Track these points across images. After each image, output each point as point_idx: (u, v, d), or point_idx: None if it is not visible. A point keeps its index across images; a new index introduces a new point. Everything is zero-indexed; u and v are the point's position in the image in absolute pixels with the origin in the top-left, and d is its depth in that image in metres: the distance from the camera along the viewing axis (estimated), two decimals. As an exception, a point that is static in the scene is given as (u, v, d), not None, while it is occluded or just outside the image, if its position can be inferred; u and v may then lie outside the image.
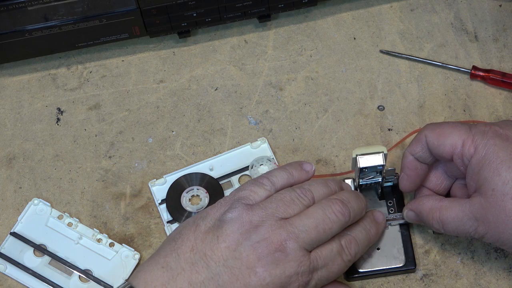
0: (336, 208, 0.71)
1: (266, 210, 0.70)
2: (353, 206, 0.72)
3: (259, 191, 0.72)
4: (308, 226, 0.70)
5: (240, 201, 0.71)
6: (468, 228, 0.71)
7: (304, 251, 0.69)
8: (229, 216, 0.70)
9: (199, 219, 0.71)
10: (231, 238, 0.68)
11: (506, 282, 0.77)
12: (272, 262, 0.68)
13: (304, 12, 0.89)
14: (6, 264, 0.79)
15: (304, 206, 0.72)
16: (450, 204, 0.73)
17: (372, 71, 0.87)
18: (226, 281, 0.67)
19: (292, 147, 0.83)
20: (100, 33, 0.84)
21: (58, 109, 0.86)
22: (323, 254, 0.70)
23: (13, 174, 0.83)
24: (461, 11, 0.89)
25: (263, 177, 0.73)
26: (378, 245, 0.78)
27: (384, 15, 0.89)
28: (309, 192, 0.72)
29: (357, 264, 0.77)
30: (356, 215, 0.73)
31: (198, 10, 0.84)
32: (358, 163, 0.74)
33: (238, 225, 0.69)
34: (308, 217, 0.70)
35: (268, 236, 0.69)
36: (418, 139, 0.75)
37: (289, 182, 0.74)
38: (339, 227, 0.71)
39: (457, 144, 0.72)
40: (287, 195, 0.72)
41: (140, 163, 0.83)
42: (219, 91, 0.86)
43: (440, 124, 0.74)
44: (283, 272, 0.68)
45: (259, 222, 0.69)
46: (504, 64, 0.86)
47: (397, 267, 0.77)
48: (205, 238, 0.69)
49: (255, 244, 0.68)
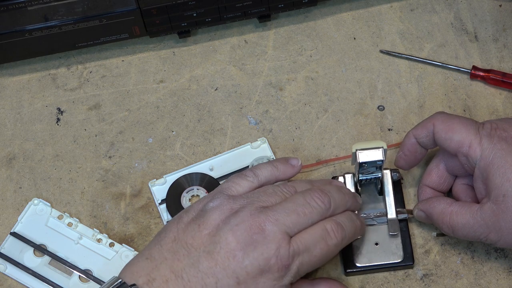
0: (316, 195, 0.71)
1: (248, 199, 0.71)
2: (334, 196, 0.72)
3: (242, 182, 0.73)
4: (288, 209, 0.70)
5: (223, 192, 0.72)
6: (479, 235, 0.72)
7: (284, 234, 0.69)
8: (210, 205, 0.70)
9: (183, 213, 0.72)
10: (212, 225, 0.69)
11: (506, 282, 0.77)
12: (251, 245, 0.68)
13: (304, 12, 0.89)
14: (6, 264, 0.79)
15: (285, 196, 0.72)
16: (460, 209, 0.73)
17: (372, 71, 0.87)
18: (206, 266, 0.67)
19: (292, 147, 0.83)
20: (100, 33, 0.84)
21: (58, 109, 0.86)
22: (305, 238, 0.70)
23: (13, 174, 0.83)
24: (461, 11, 0.89)
25: (247, 170, 0.74)
26: (376, 240, 0.78)
27: (384, 15, 0.89)
28: (291, 187, 0.73)
29: (355, 258, 0.77)
30: (337, 206, 0.72)
31: (198, 10, 0.84)
32: (357, 158, 0.74)
33: (219, 213, 0.70)
34: (287, 201, 0.71)
35: (247, 219, 0.69)
36: (425, 125, 0.75)
37: (273, 174, 0.74)
38: (319, 214, 0.71)
39: (464, 143, 0.72)
40: (270, 188, 0.72)
41: (140, 163, 0.83)
42: (219, 91, 0.86)
43: (451, 118, 0.74)
44: (262, 254, 0.68)
45: (239, 208, 0.70)
46: (504, 64, 0.86)
47: (395, 262, 0.77)
48: (187, 228, 0.70)
49: (234, 228, 0.68)
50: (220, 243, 0.68)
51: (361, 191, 0.79)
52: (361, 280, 0.78)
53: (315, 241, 0.70)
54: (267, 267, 0.68)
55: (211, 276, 0.67)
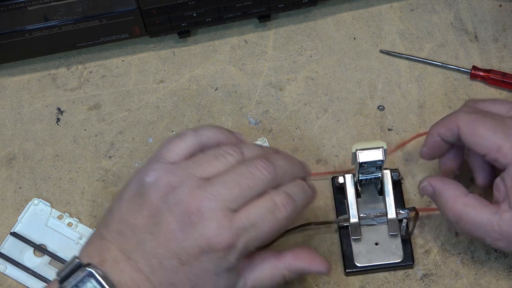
0: (260, 164, 0.66)
1: (186, 170, 0.66)
2: (280, 165, 0.68)
3: (181, 144, 0.68)
4: (229, 183, 0.65)
5: (160, 159, 0.68)
6: (486, 238, 0.70)
7: (225, 211, 0.65)
8: (147, 180, 0.67)
9: (123, 189, 0.69)
10: (151, 205, 0.66)
11: (506, 282, 0.77)
12: (190, 225, 0.64)
13: (304, 12, 0.89)
14: (6, 264, 0.79)
15: (229, 164, 0.67)
16: (477, 205, 0.70)
17: (372, 71, 0.87)
18: (149, 247, 0.65)
19: (292, 147, 0.83)
20: (100, 33, 0.84)
21: (58, 109, 0.86)
22: (251, 212, 0.65)
23: (13, 174, 0.83)
24: (461, 11, 0.89)
25: (188, 129, 0.70)
26: (376, 240, 0.78)
27: (384, 15, 0.89)
28: (237, 149, 0.68)
29: (355, 258, 0.77)
30: (284, 174, 0.68)
31: (198, 10, 0.84)
32: (357, 158, 0.74)
33: (157, 190, 0.66)
34: (229, 173, 0.66)
35: (185, 197, 0.65)
36: (450, 127, 0.72)
37: (217, 136, 0.70)
38: (264, 184, 0.66)
39: (492, 148, 0.69)
40: (211, 152, 0.68)
41: (140, 163, 0.83)
42: (219, 91, 0.86)
43: (476, 121, 0.70)
44: (201, 235, 0.64)
45: (177, 183, 0.66)
46: (504, 64, 0.86)
47: (395, 262, 0.77)
48: (128, 207, 0.67)
49: (173, 208, 0.65)
50: (160, 224, 0.65)
51: (361, 191, 0.79)
52: (361, 280, 0.78)
53: (262, 215, 0.66)
54: (208, 247, 0.64)
55: (154, 257, 0.65)
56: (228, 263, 0.66)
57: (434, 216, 0.80)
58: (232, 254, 0.65)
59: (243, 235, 0.65)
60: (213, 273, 0.66)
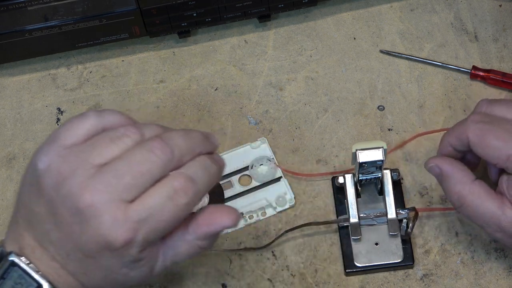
0: (155, 145, 0.61)
1: (79, 155, 0.61)
2: (178, 143, 0.62)
3: (80, 124, 0.63)
4: (120, 171, 0.60)
5: (56, 140, 0.62)
6: (486, 227, 0.71)
7: (118, 203, 0.59)
8: (40, 167, 0.61)
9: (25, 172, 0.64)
10: (46, 195, 0.61)
11: (506, 282, 0.77)
12: (84, 220, 0.60)
13: (304, 12, 0.89)
14: (6, 264, 0.79)
15: (126, 147, 0.61)
16: (482, 193, 0.70)
17: (372, 71, 0.87)
18: (55, 237, 0.62)
19: (292, 147, 0.83)
20: (100, 33, 0.84)
21: (58, 109, 0.86)
22: (147, 202, 0.60)
23: (13, 174, 0.83)
24: (461, 11, 0.89)
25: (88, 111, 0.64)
26: (376, 240, 0.78)
27: (384, 15, 0.89)
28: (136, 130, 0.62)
29: (355, 258, 0.77)
30: (184, 153, 0.62)
31: (198, 10, 0.84)
32: (357, 158, 0.74)
33: (48, 179, 0.61)
34: (121, 160, 0.60)
35: (76, 190, 0.60)
36: (460, 137, 0.72)
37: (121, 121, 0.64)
38: (160, 168, 0.61)
39: (502, 157, 0.69)
40: (107, 134, 0.62)
41: (140, 163, 0.83)
42: (219, 91, 0.86)
43: (485, 131, 0.70)
44: (97, 231, 0.59)
45: (68, 172, 0.60)
46: (504, 64, 0.86)
47: (395, 262, 0.77)
48: (29, 194, 0.63)
49: (65, 200, 0.60)
50: (57, 216, 0.61)
51: (361, 191, 0.80)
52: (361, 280, 0.78)
53: (161, 203, 0.60)
54: (105, 244, 0.60)
55: (61, 248, 0.62)
56: (130, 257, 0.61)
57: (434, 216, 0.80)
58: (133, 248, 0.61)
59: (141, 228, 0.60)
60: (120, 265, 0.62)
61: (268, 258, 0.79)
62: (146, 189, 0.60)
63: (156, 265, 0.64)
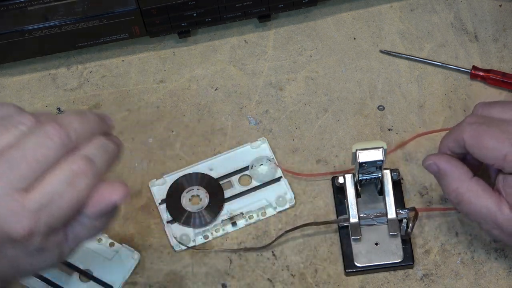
0: (49, 130, 0.58)
1: None
2: (73, 127, 0.60)
3: None
4: (14, 160, 0.57)
5: None
6: (483, 224, 0.71)
7: (15, 194, 0.57)
8: None
9: None
10: None
11: (506, 282, 0.77)
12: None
13: (304, 12, 0.89)
14: (6, 264, 0.79)
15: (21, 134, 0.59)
16: (479, 191, 0.71)
17: (372, 71, 0.87)
18: None
19: (292, 147, 0.83)
20: (100, 33, 0.84)
21: (58, 109, 0.86)
22: (45, 189, 0.58)
23: (13, 174, 0.83)
24: (461, 11, 0.89)
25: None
26: (376, 240, 0.78)
27: (384, 15, 0.89)
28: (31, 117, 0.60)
29: (355, 258, 0.77)
30: (81, 136, 0.60)
31: (198, 10, 0.84)
32: (357, 158, 0.74)
33: None
34: (14, 148, 0.58)
35: None
36: (457, 140, 0.72)
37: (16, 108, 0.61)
38: (56, 152, 0.58)
39: (498, 157, 0.70)
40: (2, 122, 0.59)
41: (140, 163, 0.83)
42: (219, 91, 0.86)
43: (480, 132, 0.71)
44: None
45: None
46: (504, 64, 0.86)
47: (395, 262, 0.77)
48: None
49: None
50: None
51: (361, 191, 0.80)
52: (361, 280, 0.78)
53: (60, 188, 0.58)
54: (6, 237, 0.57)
55: None
56: (34, 246, 0.59)
57: (434, 216, 0.80)
58: (35, 238, 0.58)
59: (41, 216, 0.58)
60: (24, 256, 0.59)
61: (268, 258, 0.79)
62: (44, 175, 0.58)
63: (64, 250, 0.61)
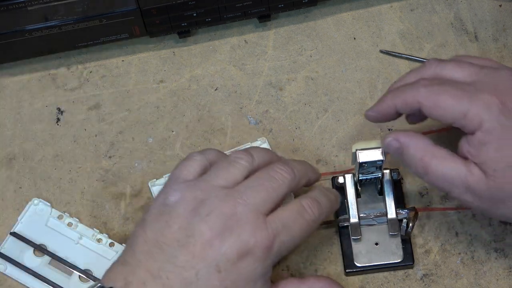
0: (279, 167, 0.70)
1: (207, 182, 0.69)
2: (296, 167, 0.71)
3: (191, 163, 0.71)
4: (254, 187, 0.68)
5: (178, 180, 0.70)
6: (454, 190, 0.69)
7: (258, 214, 0.67)
8: (172, 200, 0.68)
9: (144, 215, 0.70)
10: (181, 220, 0.67)
11: (506, 282, 0.77)
12: (226, 231, 0.66)
13: (304, 12, 0.89)
14: (6, 264, 0.79)
15: (244, 168, 0.70)
16: (445, 155, 0.69)
17: (372, 71, 0.87)
18: (183, 260, 0.66)
19: (292, 147, 0.83)
20: (100, 33, 0.84)
21: (58, 109, 0.86)
22: (281, 215, 0.68)
23: (13, 174, 0.83)
24: (461, 11, 0.89)
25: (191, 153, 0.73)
26: (376, 240, 0.78)
27: (384, 15, 0.89)
28: (246, 153, 0.71)
29: (355, 258, 0.77)
30: (302, 176, 0.72)
31: (198, 10, 0.84)
32: (357, 158, 0.74)
33: (184, 205, 0.68)
34: (252, 180, 0.69)
35: (216, 206, 0.67)
36: (408, 102, 0.71)
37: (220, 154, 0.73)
38: (287, 186, 0.70)
39: (457, 116, 0.68)
40: (224, 160, 0.71)
41: (140, 163, 0.83)
42: (219, 91, 0.86)
43: (438, 94, 0.69)
44: (239, 237, 0.66)
45: (204, 196, 0.68)
46: (504, 64, 0.86)
47: (395, 262, 0.77)
48: (154, 227, 0.68)
49: (206, 218, 0.66)
50: (194, 236, 0.66)
51: (361, 191, 0.80)
52: (361, 280, 0.78)
53: (292, 217, 0.68)
54: (246, 250, 0.66)
55: (190, 269, 0.66)
56: (265, 267, 0.67)
57: (434, 216, 0.80)
58: (269, 257, 0.67)
59: (278, 236, 0.67)
60: (250, 279, 0.67)
61: (268, 258, 0.79)
62: (277, 205, 0.69)
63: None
